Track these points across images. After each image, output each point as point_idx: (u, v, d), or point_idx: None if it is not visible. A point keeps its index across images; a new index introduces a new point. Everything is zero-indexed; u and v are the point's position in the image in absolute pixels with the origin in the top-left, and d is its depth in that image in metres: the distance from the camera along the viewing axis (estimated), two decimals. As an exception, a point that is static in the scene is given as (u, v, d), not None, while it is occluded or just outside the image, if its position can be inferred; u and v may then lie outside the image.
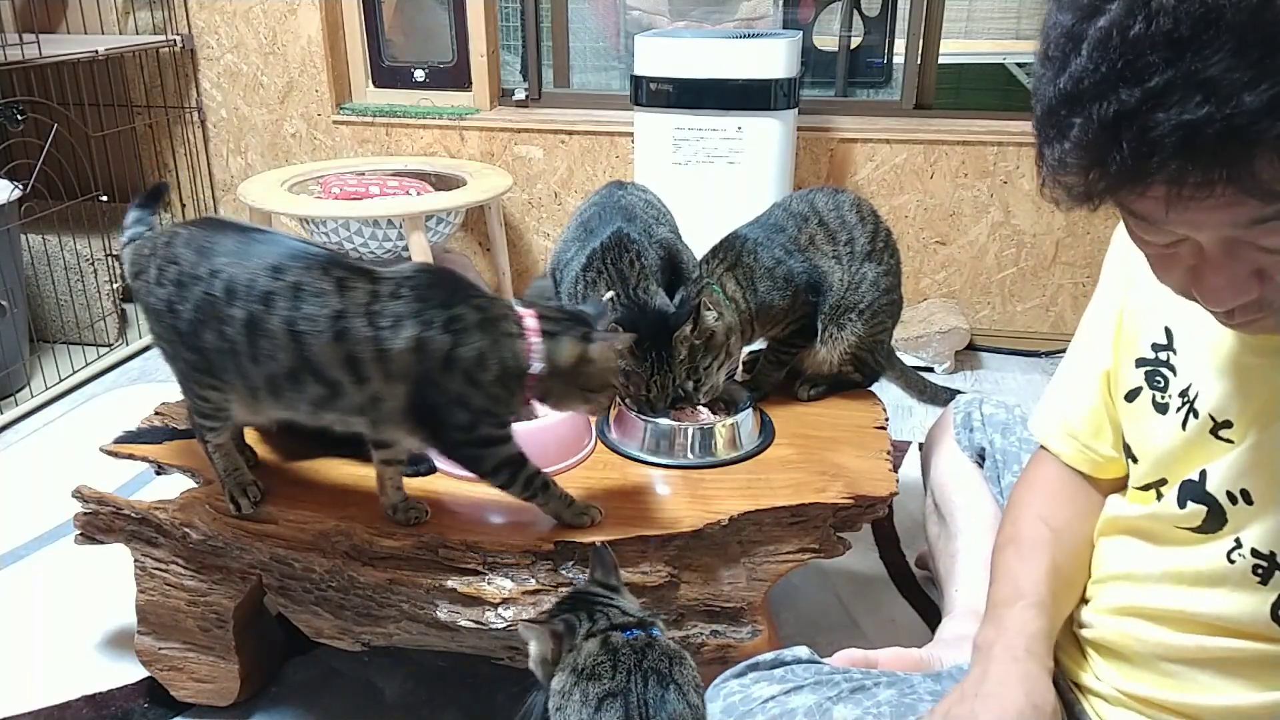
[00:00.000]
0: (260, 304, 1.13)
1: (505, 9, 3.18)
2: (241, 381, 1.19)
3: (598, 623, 0.99)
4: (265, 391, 1.18)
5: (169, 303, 1.18)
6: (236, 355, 1.16)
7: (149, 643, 1.45)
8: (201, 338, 1.17)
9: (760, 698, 0.97)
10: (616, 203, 1.63)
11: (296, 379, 1.15)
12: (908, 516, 1.91)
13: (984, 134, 2.73)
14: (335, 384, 1.15)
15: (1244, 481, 0.82)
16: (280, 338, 1.13)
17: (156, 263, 1.20)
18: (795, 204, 1.66)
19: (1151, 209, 0.65)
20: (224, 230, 1.21)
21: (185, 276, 1.17)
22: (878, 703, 0.97)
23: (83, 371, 2.69)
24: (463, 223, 2.93)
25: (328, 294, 1.13)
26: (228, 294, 1.14)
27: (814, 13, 3.58)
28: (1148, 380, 0.92)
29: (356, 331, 1.12)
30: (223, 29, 3.08)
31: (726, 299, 1.56)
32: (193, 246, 1.18)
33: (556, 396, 1.23)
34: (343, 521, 1.30)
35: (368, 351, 1.13)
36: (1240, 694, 0.85)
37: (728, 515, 1.29)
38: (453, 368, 1.14)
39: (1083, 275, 2.76)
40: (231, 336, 1.15)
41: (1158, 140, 0.59)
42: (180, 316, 1.18)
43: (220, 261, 1.16)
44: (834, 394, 1.67)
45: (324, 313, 1.12)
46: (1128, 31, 0.59)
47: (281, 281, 1.13)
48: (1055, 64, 0.64)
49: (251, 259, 1.15)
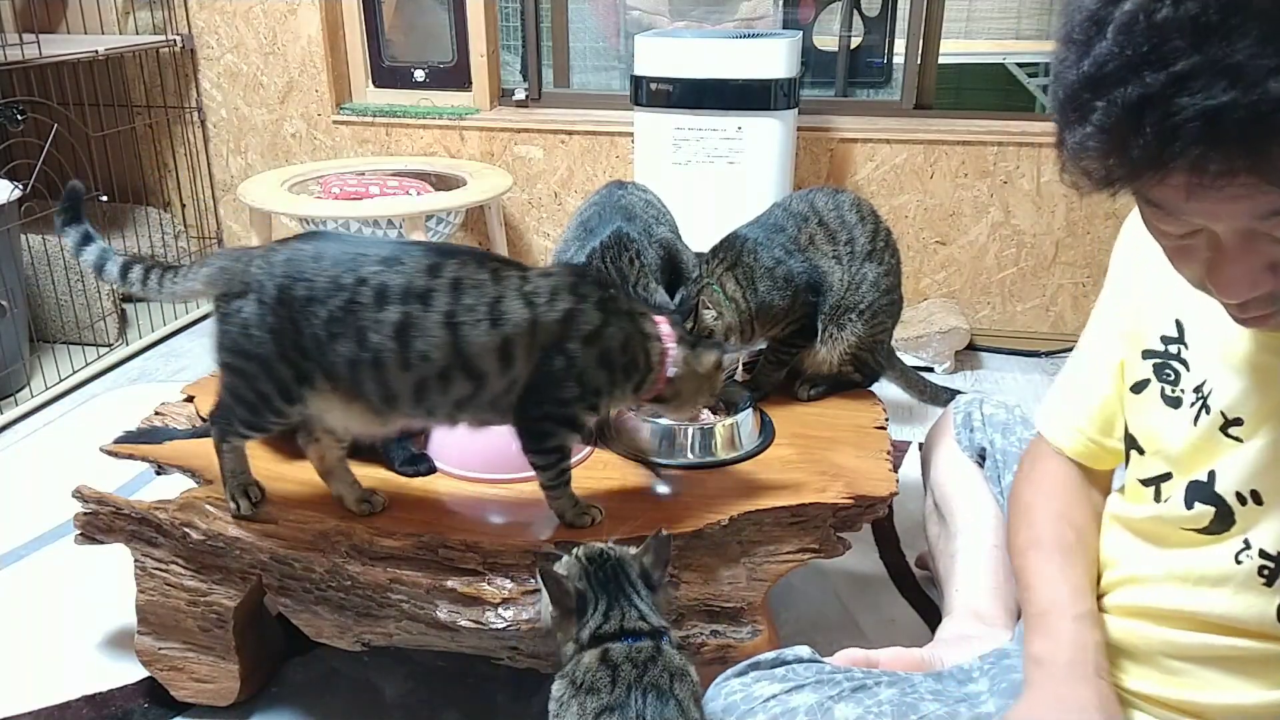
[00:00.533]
0: (419, 303, 1.13)
1: (505, 9, 3.18)
2: (378, 390, 1.16)
3: (609, 620, 0.99)
4: (406, 398, 1.17)
5: (292, 320, 1.14)
6: (380, 364, 1.14)
7: (149, 643, 1.45)
8: (332, 350, 1.14)
9: (762, 696, 0.97)
10: (616, 202, 1.63)
11: (446, 378, 1.15)
12: (908, 516, 1.91)
13: (984, 134, 2.73)
14: (482, 376, 1.16)
15: (1254, 482, 0.82)
16: (437, 334, 1.13)
17: (275, 282, 1.15)
18: (795, 204, 1.66)
19: (1171, 196, 0.64)
20: (344, 241, 1.19)
21: (319, 291, 1.14)
22: (879, 701, 0.97)
23: (83, 371, 2.69)
24: (463, 223, 2.93)
25: (485, 283, 1.15)
26: (379, 299, 1.13)
27: (814, 13, 3.58)
28: (1156, 373, 0.91)
29: (514, 313, 1.15)
30: (223, 29, 3.08)
31: (726, 299, 1.56)
32: (326, 260, 1.15)
33: (677, 400, 1.28)
34: (343, 521, 1.30)
35: (522, 329, 1.15)
36: (1245, 692, 0.84)
37: (728, 515, 1.29)
38: (593, 344, 1.18)
39: (1083, 275, 2.76)
40: (378, 344, 1.13)
41: (1180, 125, 0.58)
42: (304, 333, 1.14)
43: (369, 269, 1.14)
44: (834, 394, 1.67)
45: (483, 301, 1.14)
46: (1154, 15, 0.59)
47: (440, 279, 1.14)
48: (1078, 47, 0.64)
49: (405, 262, 1.14)
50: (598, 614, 1.00)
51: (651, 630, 1.00)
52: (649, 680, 0.94)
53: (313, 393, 1.19)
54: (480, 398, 1.18)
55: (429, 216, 2.57)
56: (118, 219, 3.08)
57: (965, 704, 0.99)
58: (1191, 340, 0.88)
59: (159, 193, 3.28)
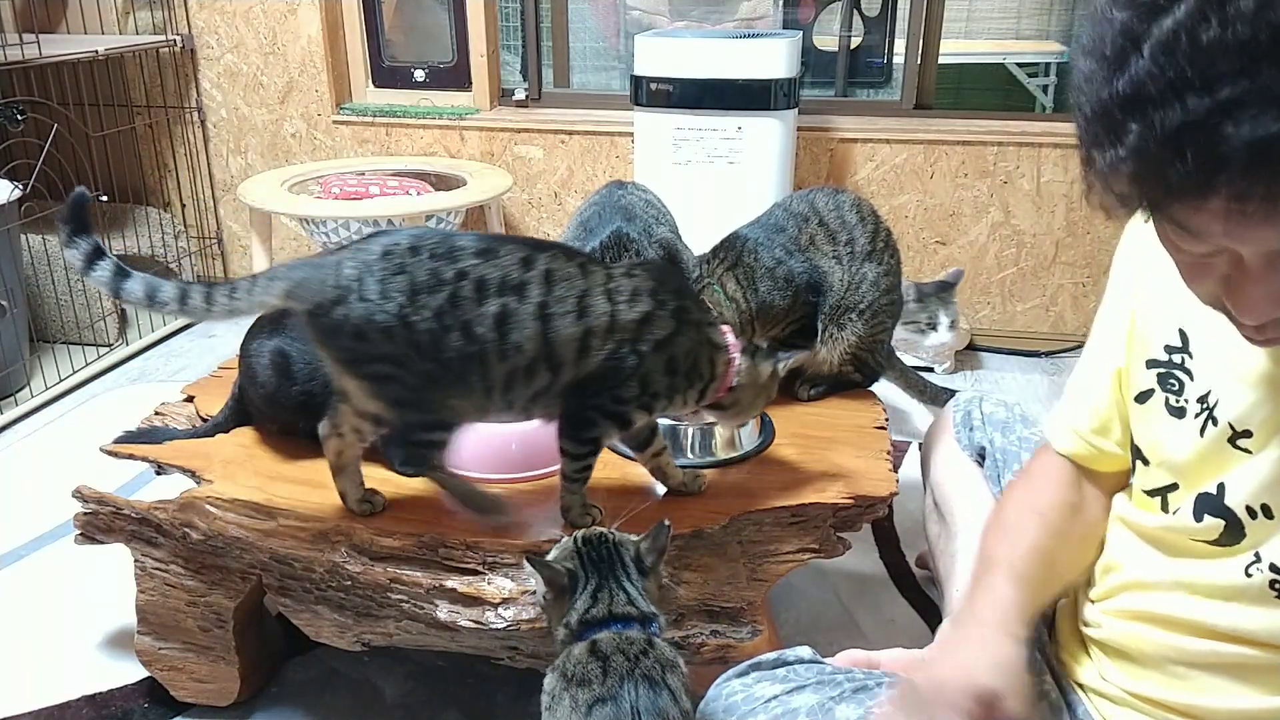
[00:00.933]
0: (514, 295, 1.14)
1: (505, 9, 3.18)
2: (481, 383, 1.17)
3: (598, 602, 0.99)
4: (499, 390, 1.18)
5: (401, 317, 1.13)
6: (485, 355, 1.15)
7: (149, 643, 1.45)
8: (444, 344, 1.14)
9: (763, 697, 0.97)
10: (616, 202, 1.63)
11: (532, 371, 1.17)
12: (908, 516, 1.91)
13: (984, 134, 2.73)
14: (560, 367, 1.17)
15: (1265, 496, 0.80)
16: (530, 326, 1.15)
17: (376, 278, 1.13)
18: (796, 204, 1.66)
19: (1206, 223, 0.61)
20: (431, 235, 1.18)
21: (420, 285, 1.13)
22: (880, 703, 0.97)
23: (83, 371, 2.69)
24: (463, 223, 2.93)
25: (574, 277, 1.17)
26: (478, 291, 1.14)
27: (814, 13, 3.59)
28: (1160, 382, 0.90)
29: (597, 308, 1.17)
30: (223, 29, 3.08)
31: (727, 299, 1.56)
32: (423, 253, 1.14)
33: (735, 408, 1.31)
34: (343, 521, 1.30)
35: (603, 324, 1.17)
36: (1249, 697, 0.84)
37: (727, 515, 1.29)
38: (663, 350, 1.20)
39: (1083, 275, 2.76)
40: (482, 335, 1.14)
41: (1227, 155, 0.56)
42: (416, 328, 1.13)
43: (468, 262, 1.14)
44: (834, 394, 1.67)
45: (572, 294, 1.16)
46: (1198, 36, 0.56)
47: (533, 271, 1.16)
48: (1109, 63, 0.61)
49: (500, 255, 1.16)
50: (586, 594, 1.00)
51: (640, 616, 1.00)
52: (641, 671, 0.94)
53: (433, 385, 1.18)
54: (553, 389, 1.20)
55: (429, 216, 2.57)
56: (118, 219, 3.08)
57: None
58: (1196, 350, 0.86)
59: (159, 193, 3.28)
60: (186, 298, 1.15)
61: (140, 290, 1.15)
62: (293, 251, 3.29)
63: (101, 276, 1.15)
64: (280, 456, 1.46)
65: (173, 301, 1.15)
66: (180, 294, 1.15)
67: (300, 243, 3.26)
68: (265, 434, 1.51)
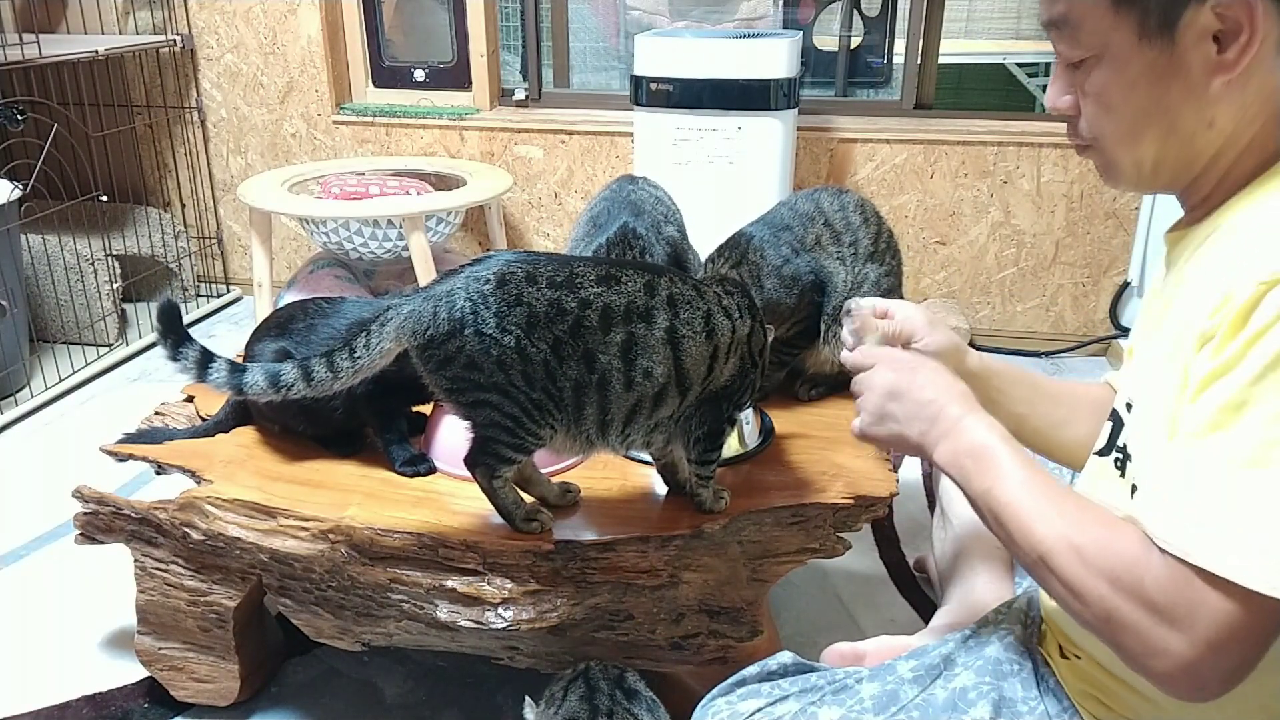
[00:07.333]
0: (643, 322, 1.13)
1: (505, 9, 3.18)
2: (597, 414, 1.16)
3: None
4: (617, 420, 1.17)
5: (519, 349, 1.10)
6: (606, 385, 1.14)
7: (149, 643, 1.45)
8: (561, 374, 1.12)
9: (745, 712, 0.98)
10: (626, 198, 1.62)
11: (661, 397, 1.17)
12: (908, 516, 1.91)
13: (984, 134, 2.73)
14: (687, 390, 1.19)
15: (1129, 393, 0.88)
16: (661, 351, 1.14)
17: (493, 310, 1.10)
18: (801, 203, 1.66)
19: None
20: (550, 261, 1.15)
21: (539, 316, 1.11)
22: (860, 699, 0.98)
23: (83, 371, 2.69)
24: (463, 223, 2.93)
25: (694, 299, 1.17)
26: (604, 321, 1.12)
27: (814, 13, 3.58)
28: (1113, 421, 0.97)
29: (721, 327, 1.19)
30: (223, 29, 3.08)
31: (727, 299, 1.55)
32: (540, 282, 1.12)
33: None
34: (343, 521, 1.30)
35: (727, 341, 1.19)
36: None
37: (727, 515, 1.29)
38: (761, 358, 1.26)
39: (1083, 275, 2.77)
40: (605, 365, 1.13)
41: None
42: (532, 359, 1.11)
43: (591, 290, 1.12)
44: (834, 394, 1.67)
45: (698, 314, 1.17)
46: None
47: (658, 296, 1.15)
48: None
49: (622, 282, 1.14)
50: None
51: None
52: None
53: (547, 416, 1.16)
54: (677, 413, 1.21)
55: (429, 216, 2.57)
56: (118, 219, 3.08)
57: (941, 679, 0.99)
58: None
59: (159, 193, 3.28)
60: (311, 375, 1.11)
61: (263, 381, 1.12)
62: (293, 252, 3.29)
63: (219, 379, 1.13)
64: (280, 456, 1.46)
65: (299, 382, 1.11)
66: (304, 373, 1.11)
67: (300, 243, 3.26)
68: (265, 434, 1.50)
